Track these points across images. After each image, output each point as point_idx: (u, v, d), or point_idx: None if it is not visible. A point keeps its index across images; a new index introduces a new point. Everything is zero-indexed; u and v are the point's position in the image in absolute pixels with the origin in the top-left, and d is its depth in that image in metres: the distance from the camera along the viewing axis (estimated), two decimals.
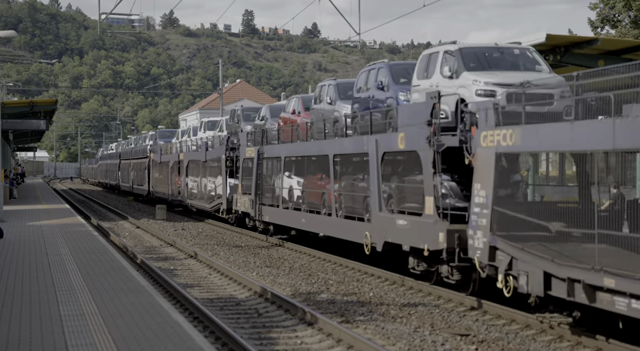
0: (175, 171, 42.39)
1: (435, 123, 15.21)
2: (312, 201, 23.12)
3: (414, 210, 16.29)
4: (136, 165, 56.46)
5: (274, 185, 26.54)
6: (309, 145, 23.49)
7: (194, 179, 38.19)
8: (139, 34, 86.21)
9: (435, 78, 16.51)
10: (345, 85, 22.55)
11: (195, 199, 37.48)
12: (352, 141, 20.13)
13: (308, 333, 12.57)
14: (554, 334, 12.45)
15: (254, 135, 28.65)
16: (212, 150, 34.45)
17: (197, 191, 37.50)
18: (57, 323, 10.52)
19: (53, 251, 19.17)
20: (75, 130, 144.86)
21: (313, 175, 23.21)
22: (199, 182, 37.02)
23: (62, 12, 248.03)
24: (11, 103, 43.23)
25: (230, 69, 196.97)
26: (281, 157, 25.49)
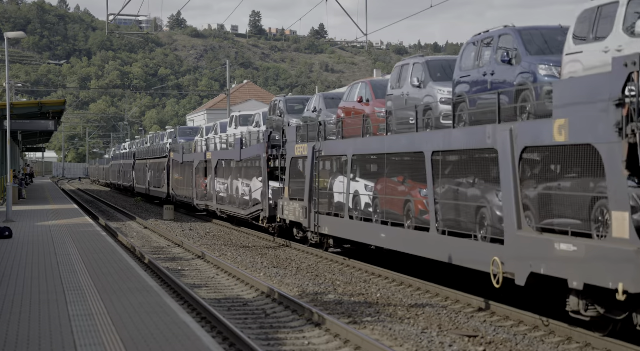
0: (201, 172, 38.13)
1: (632, 103, 10.55)
2: (390, 211, 18.64)
3: (580, 229, 11.82)
4: (153, 165, 52.41)
5: (335, 190, 22.31)
6: (391, 140, 18.56)
7: (223, 181, 34.23)
8: (146, 35, 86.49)
9: (614, 38, 11.67)
10: (437, 64, 18.01)
11: (225, 204, 33.30)
12: (465, 133, 15.17)
13: (315, 334, 12.58)
14: (563, 336, 12.43)
15: (306, 130, 24.33)
16: (249, 148, 30.20)
17: (226, 195, 33.46)
18: (66, 323, 10.56)
19: (62, 251, 19.22)
20: (83, 130, 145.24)
21: (391, 178, 18.87)
22: (230, 184, 33.07)
23: (71, 14, 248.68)
24: (20, 104, 43.36)
25: (238, 70, 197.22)
26: (347, 155, 21.11)
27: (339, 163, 22.32)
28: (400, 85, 18.71)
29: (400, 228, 17.87)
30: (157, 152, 52.53)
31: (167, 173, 46.56)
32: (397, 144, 18.36)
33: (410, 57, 19.28)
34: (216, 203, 34.59)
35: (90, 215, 36.62)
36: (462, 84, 15.88)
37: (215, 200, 34.66)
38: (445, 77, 17.38)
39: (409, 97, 18.19)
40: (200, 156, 38.43)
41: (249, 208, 29.20)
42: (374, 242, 19.51)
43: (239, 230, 31.91)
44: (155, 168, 51.69)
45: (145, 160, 56.35)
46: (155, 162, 51.64)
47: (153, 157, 53.31)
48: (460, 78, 15.97)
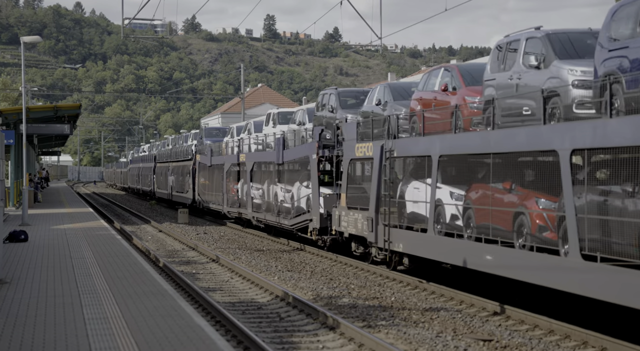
0: (232, 176, 35.13)
1: None
2: (490, 225, 14.60)
3: None
4: (176, 169, 49.36)
5: (411, 198, 18.25)
6: (501, 135, 14.50)
7: (258, 187, 30.87)
8: (161, 38, 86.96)
9: None
10: (563, 37, 14.08)
11: (262, 212, 29.82)
12: (633, 124, 11.10)
13: (330, 338, 12.57)
14: (578, 340, 12.35)
15: (370, 127, 20.36)
16: (294, 148, 26.66)
17: (262, 202, 30.06)
18: (81, 326, 10.60)
19: (77, 254, 19.30)
20: (98, 134, 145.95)
21: (491, 183, 14.82)
22: (267, 190, 29.58)
23: (86, 18, 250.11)
24: (36, 108, 43.66)
25: (252, 74, 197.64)
26: (431, 155, 16.90)
27: (418, 165, 18.33)
28: (506, 66, 14.87)
29: (518, 250, 13.73)
30: (180, 154, 49.22)
31: (192, 177, 43.39)
32: (511, 141, 14.19)
33: (515, 33, 15.07)
34: (251, 210, 31.02)
35: (105, 219, 36.77)
36: (612, 58, 11.98)
37: (251, 207, 31.18)
38: (574, 54, 13.68)
39: (522, 81, 14.38)
40: (232, 158, 35.04)
41: (293, 217, 25.70)
42: (475, 265, 15.05)
43: (253, 233, 31.94)
44: (178, 171, 48.70)
45: (167, 163, 53.46)
46: (179, 165, 48.72)
47: (176, 159, 50.17)
48: (613, 50, 11.94)
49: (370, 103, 21.83)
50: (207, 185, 40.43)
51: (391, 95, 20.76)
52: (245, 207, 32.25)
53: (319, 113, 25.54)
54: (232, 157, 35.21)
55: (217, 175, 38.13)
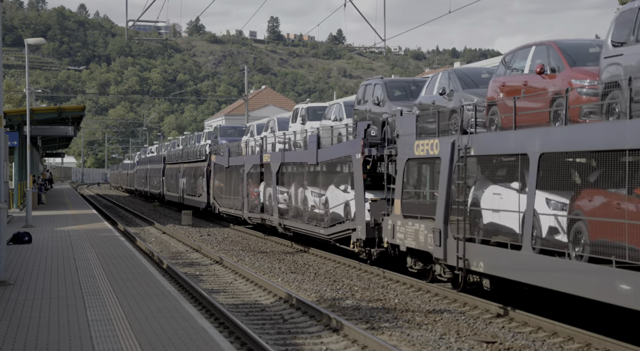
0: (254, 178, 32.25)
1: None
2: (614, 243, 11.48)
3: None
4: (188, 170, 46.29)
5: (491, 206, 14.94)
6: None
7: (283, 190, 28.16)
8: (165, 40, 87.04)
9: None
10: None
11: (289, 219, 26.98)
12: None
13: (333, 340, 12.57)
14: (582, 342, 12.34)
15: (434, 120, 17.10)
16: (332, 147, 23.78)
17: (290, 207, 27.38)
18: (85, 328, 10.61)
19: (80, 256, 19.33)
20: (102, 136, 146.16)
21: (619, 190, 11.54)
22: (294, 194, 26.92)
23: (90, 20, 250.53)
24: (40, 110, 43.75)
25: (256, 75, 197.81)
26: (527, 153, 13.65)
27: (505, 165, 15.23)
28: None
29: None
30: (192, 154, 46.18)
31: (206, 180, 40.37)
32: None
33: None
34: (278, 217, 27.88)
35: (108, 220, 36.82)
36: None
37: (277, 213, 28.00)
38: None
39: None
40: (254, 159, 32.06)
41: (329, 226, 22.93)
42: (604, 297, 11.57)
43: (257, 235, 31.95)
44: (190, 173, 45.50)
45: (178, 165, 50.44)
46: (191, 166, 45.64)
47: (188, 160, 47.15)
48: None
49: (430, 93, 18.57)
50: (223, 188, 37.48)
51: (458, 83, 17.54)
52: (269, 213, 29.27)
53: (360, 107, 22.55)
54: (253, 157, 32.26)
55: (235, 177, 35.28)
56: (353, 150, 21.23)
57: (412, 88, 21.33)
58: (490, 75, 16.88)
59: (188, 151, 48.50)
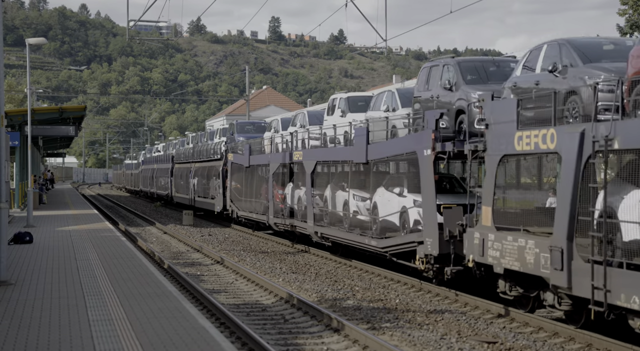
0: (280, 179, 28.89)
1: None
2: None
3: None
4: (201, 170, 43.19)
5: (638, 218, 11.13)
6: None
7: (319, 193, 24.66)
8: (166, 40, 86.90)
9: None
10: None
11: (327, 227, 23.46)
12: None
13: (334, 340, 12.57)
14: (582, 342, 12.34)
15: (549, 104, 13.53)
16: (389, 142, 19.68)
17: (325, 212, 23.87)
18: (86, 328, 10.62)
19: (82, 256, 19.34)
20: (103, 136, 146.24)
21: None
22: (332, 198, 23.43)
23: (91, 19, 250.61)
24: (41, 110, 43.76)
25: (257, 75, 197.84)
26: None
27: None
28: None
29: None
30: (205, 153, 42.93)
31: (221, 180, 37.27)
32: None
33: None
34: (314, 223, 24.36)
35: (109, 220, 36.84)
36: None
37: (312, 219, 24.48)
38: None
39: None
40: (281, 157, 28.34)
41: (382, 237, 19.40)
42: None
43: (258, 235, 31.95)
44: (203, 173, 42.40)
45: (189, 164, 47.29)
46: (204, 165, 42.48)
47: (200, 159, 43.92)
48: None
49: (530, 71, 15.07)
50: (242, 190, 33.97)
51: (576, 56, 13.88)
52: (301, 218, 25.85)
53: (423, 94, 18.71)
54: (281, 155, 28.54)
55: (257, 177, 32.06)
56: (419, 145, 17.19)
57: (491, 70, 17.72)
58: (616, 45, 14.08)
59: (200, 149, 44.98)
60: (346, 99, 24.68)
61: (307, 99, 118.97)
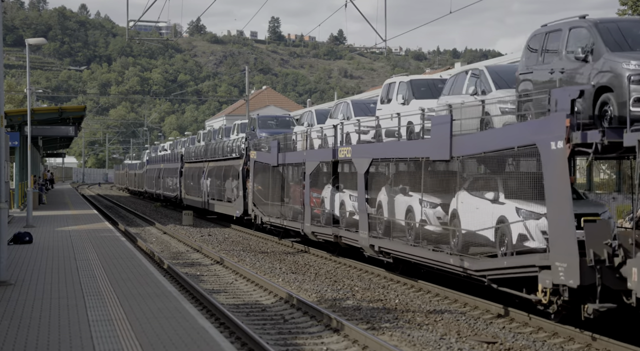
0: (318, 180, 25.06)
1: None
2: None
3: None
4: (216, 170, 39.69)
5: None
6: None
7: (372, 197, 20.38)
8: (166, 41, 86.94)
9: None
10: None
11: (382, 238, 19.22)
12: None
13: (334, 340, 12.58)
14: (582, 343, 12.34)
15: None
16: (485, 133, 15.24)
17: (379, 220, 19.70)
18: (85, 328, 10.62)
19: (81, 256, 19.33)
20: (103, 136, 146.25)
21: None
22: (390, 203, 19.28)
23: (91, 20, 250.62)
24: (41, 110, 43.78)
25: (257, 76, 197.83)
26: None
27: None
28: None
29: None
30: (221, 151, 39.36)
31: (242, 182, 33.54)
32: None
33: None
34: (369, 234, 19.79)
35: (109, 221, 36.83)
36: None
37: (367, 228, 19.92)
38: None
39: None
40: (322, 155, 24.10)
41: (479, 258, 14.83)
42: None
43: (257, 235, 31.95)
44: (219, 173, 38.99)
45: (201, 163, 43.66)
46: (219, 165, 39.05)
47: (214, 158, 40.46)
48: None
49: None
50: (268, 193, 29.85)
51: None
52: (348, 227, 21.69)
53: (536, 69, 14.16)
54: (321, 152, 24.35)
55: (289, 178, 28.33)
56: (543, 135, 12.84)
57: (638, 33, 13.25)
58: None
59: (215, 147, 41.14)
60: (408, 83, 20.10)
61: (306, 99, 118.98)
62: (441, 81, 19.60)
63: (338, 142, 23.38)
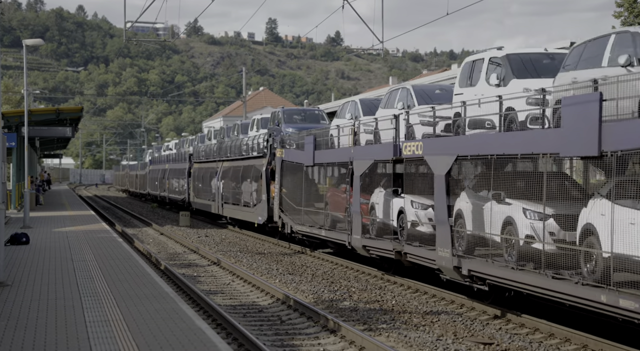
0: (371, 182, 20.63)
1: None
2: None
3: None
4: (233, 170, 35.48)
5: None
6: None
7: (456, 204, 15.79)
8: (163, 42, 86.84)
9: None
10: None
11: (474, 260, 14.79)
12: None
13: (330, 341, 12.59)
14: (578, 343, 12.37)
15: None
16: None
17: (461, 235, 15.44)
18: (82, 329, 10.62)
19: (78, 257, 19.33)
20: (100, 137, 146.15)
21: None
22: (479, 213, 14.91)
23: (89, 21, 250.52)
24: (38, 111, 43.73)
25: (254, 77, 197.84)
26: None
27: None
28: None
29: None
30: (238, 149, 35.35)
31: (265, 184, 29.35)
32: None
33: None
34: (456, 254, 15.37)
35: (106, 221, 36.82)
36: None
37: (451, 245, 15.49)
38: None
39: None
40: (376, 152, 19.67)
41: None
42: None
43: (255, 236, 31.95)
44: (236, 174, 34.87)
45: (214, 163, 39.64)
46: (236, 165, 35.02)
47: (229, 157, 36.62)
48: None
49: None
50: (300, 197, 25.73)
51: None
52: (421, 243, 17.26)
53: None
54: (376, 149, 19.80)
55: (331, 181, 24.78)
56: None
57: None
58: None
59: (231, 145, 37.06)
60: (505, 59, 15.53)
61: (303, 100, 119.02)
62: (547, 56, 15.86)
63: (400, 136, 18.79)
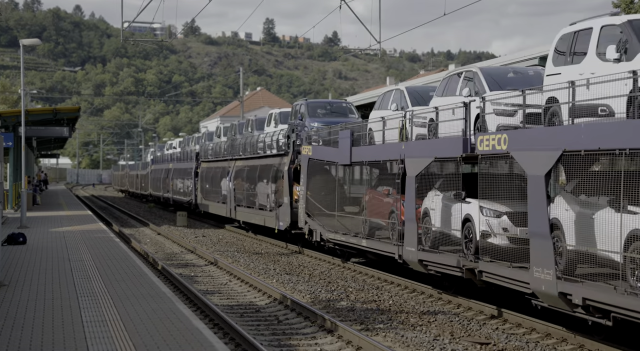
0: (430, 183, 17.12)
1: None
2: None
3: None
4: (247, 170, 32.64)
5: None
6: None
7: (566, 209, 12.25)
8: (161, 42, 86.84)
9: None
10: None
11: (582, 283, 11.49)
12: None
13: (328, 341, 12.60)
14: (575, 343, 12.39)
15: None
16: None
17: (561, 249, 12.15)
18: (79, 329, 10.62)
19: (75, 257, 19.32)
20: (97, 137, 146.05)
21: None
22: (584, 223, 11.71)
23: (86, 21, 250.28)
24: (35, 111, 43.69)
25: (251, 77, 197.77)
26: None
27: None
28: None
29: None
30: (254, 146, 32.49)
31: (288, 185, 26.45)
32: None
33: None
34: (557, 274, 11.97)
35: (103, 221, 36.79)
36: None
37: (555, 266, 12.05)
38: None
39: None
40: (439, 148, 16.22)
41: None
42: None
43: (252, 236, 31.95)
44: (251, 175, 31.97)
45: (225, 162, 36.74)
46: (252, 164, 32.03)
47: (244, 156, 33.79)
48: None
49: None
50: (330, 201, 22.93)
51: None
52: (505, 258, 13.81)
53: None
54: (438, 144, 16.37)
55: (374, 182, 21.34)
56: None
57: None
58: None
59: (245, 142, 34.00)
60: (627, 26, 11.71)
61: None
62: None
63: (470, 128, 15.38)
